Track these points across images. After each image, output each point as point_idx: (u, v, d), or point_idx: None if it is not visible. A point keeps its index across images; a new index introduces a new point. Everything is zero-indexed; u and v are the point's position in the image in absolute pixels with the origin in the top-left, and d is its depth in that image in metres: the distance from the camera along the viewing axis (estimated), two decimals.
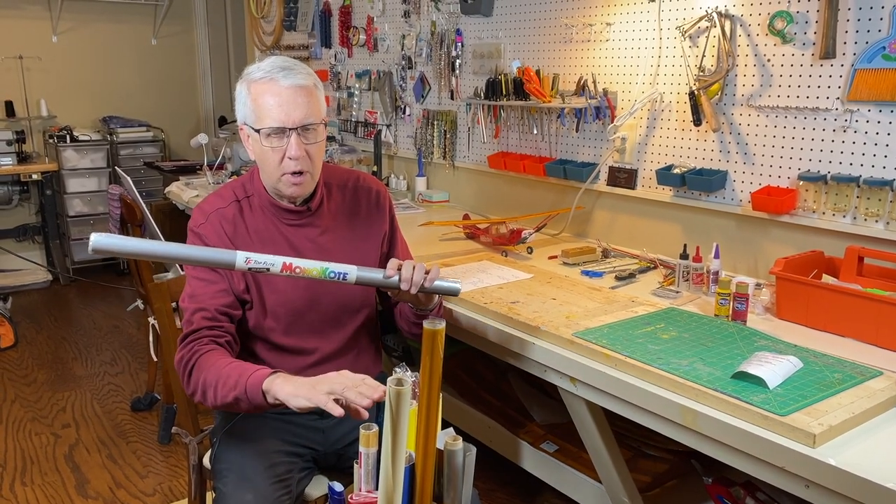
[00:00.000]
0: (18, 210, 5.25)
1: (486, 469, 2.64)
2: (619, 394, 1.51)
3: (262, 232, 1.62)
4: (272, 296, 1.61)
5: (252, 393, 1.36)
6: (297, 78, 1.50)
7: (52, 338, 4.12)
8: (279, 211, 1.62)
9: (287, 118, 1.48)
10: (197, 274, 1.57)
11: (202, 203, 1.64)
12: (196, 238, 1.59)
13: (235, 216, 1.61)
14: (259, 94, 1.50)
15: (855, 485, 1.14)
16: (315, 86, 1.54)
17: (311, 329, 1.65)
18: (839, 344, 1.63)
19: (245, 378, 1.37)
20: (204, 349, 1.49)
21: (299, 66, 1.53)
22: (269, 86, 1.49)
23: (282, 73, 1.49)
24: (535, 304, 1.86)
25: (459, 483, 1.10)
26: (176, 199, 3.64)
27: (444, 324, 1.05)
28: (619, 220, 2.56)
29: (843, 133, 1.89)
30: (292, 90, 1.48)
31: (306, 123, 1.50)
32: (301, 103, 1.49)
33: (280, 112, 1.48)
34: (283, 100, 1.48)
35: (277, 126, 1.49)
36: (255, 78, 1.51)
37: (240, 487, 1.50)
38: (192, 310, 1.54)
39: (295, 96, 1.48)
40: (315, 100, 1.52)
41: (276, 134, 1.50)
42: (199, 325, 1.52)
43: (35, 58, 5.13)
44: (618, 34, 2.44)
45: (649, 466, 2.06)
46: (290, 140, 1.49)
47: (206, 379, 1.44)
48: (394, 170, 3.74)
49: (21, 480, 2.68)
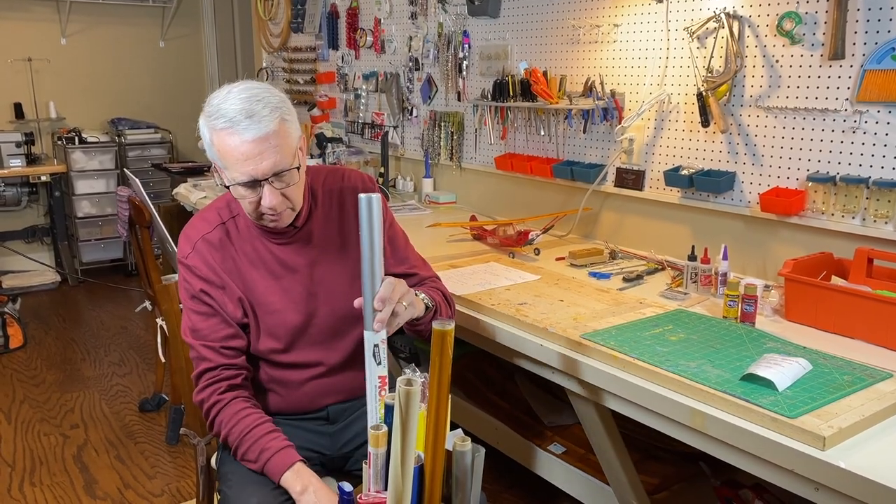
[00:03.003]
0: (27, 211, 5.28)
1: (494, 471, 2.64)
2: (628, 396, 1.51)
3: (250, 254, 1.57)
4: (268, 317, 1.58)
5: (271, 475, 1.46)
6: (262, 125, 1.38)
7: (61, 339, 4.14)
8: (266, 234, 1.58)
9: (256, 170, 1.39)
10: (193, 307, 1.55)
11: (187, 228, 1.60)
12: (186, 271, 1.56)
13: (223, 240, 1.57)
14: (222, 145, 1.40)
15: (865, 488, 1.13)
16: (283, 120, 1.42)
17: (312, 343, 1.62)
18: (848, 346, 1.62)
19: (264, 460, 1.45)
20: (224, 399, 1.50)
21: (265, 100, 1.40)
22: (230, 138, 1.38)
23: (244, 123, 1.37)
24: (542, 306, 1.86)
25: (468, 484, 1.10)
26: (184, 201, 3.65)
27: (454, 324, 1.04)
28: (626, 222, 2.56)
29: (853, 134, 1.88)
30: (257, 142, 1.38)
31: (277, 171, 1.41)
32: (269, 152, 1.39)
33: (247, 166, 1.39)
34: (248, 153, 1.38)
35: (247, 180, 1.41)
36: (217, 127, 1.40)
37: (245, 491, 1.50)
38: (198, 345, 1.53)
39: (262, 147, 1.38)
40: (285, 140, 1.42)
41: (247, 186, 1.43)
42: (213, 363, 1.52)
43: (44, 60, 5.16)
44: (625, 35, 2.44)
45: (657, 468, 2.05)
46: (262, 190, 1.42)
47: (229, 437, 1.49)
48: (401, 171, 3.74)
49: (30, 481, 2.69)
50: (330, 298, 1.61)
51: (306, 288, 1.59)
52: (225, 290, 1.55)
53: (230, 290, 1.55)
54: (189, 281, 1.56)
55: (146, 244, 2.90)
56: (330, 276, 1.62)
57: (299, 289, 1.59)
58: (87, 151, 5.04)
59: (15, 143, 4.77)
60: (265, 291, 1.57)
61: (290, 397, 1.64)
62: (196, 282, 1.55)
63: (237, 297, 1.56)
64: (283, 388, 1.64)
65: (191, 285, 1.56)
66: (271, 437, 1.47)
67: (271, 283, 1.58)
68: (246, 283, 1.56)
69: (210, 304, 1.55)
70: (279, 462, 1.43)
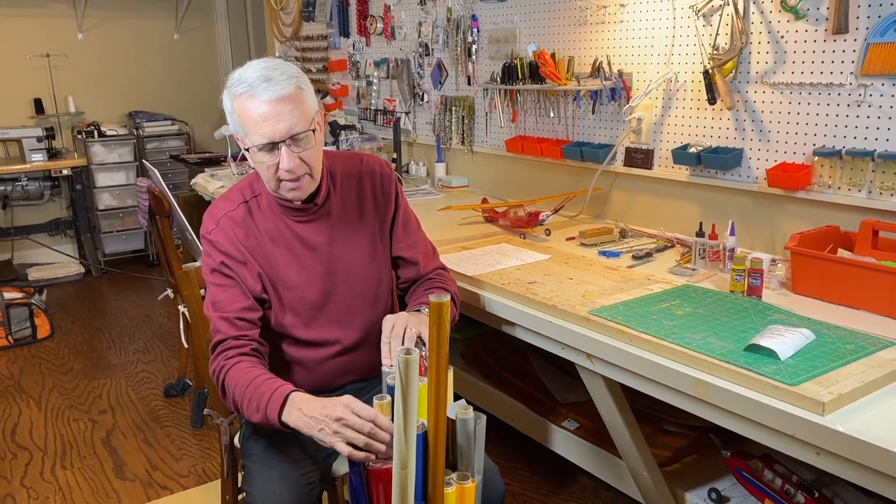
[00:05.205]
0: (50, 205, 5.39)
1: (510, 447, 2.69)
2: (634, 368, 1.55)
3: (272, 231, 1.63)
4: (288, 293, 1.63)
5: (272, 421, 1.41)
6: (279, 88, 1.46)
7: (87, 328, 4.25)
8: (287, 209, 1.64)
9: (273, 132, 1.46)
10: (214, 280, 1.61)
11: (211, 208, 1.66)
12: (209, 245, 1.61)
13: (245, 217, 1.63)
14: (242, 110, 1.48)
15: (863, 451, 1.17)
16: (299, 88, 1.50)
17: (330, 321, 1.67)
18: (853, 316, 1.65)
19: (263, 409, 1.41)
20: (230, 363, 1.52)
21: (282, 69, 1.49)
22: (250, 102, 1.46)
23: (262, 85, 1.45)
24: (552, 284, 1.90)
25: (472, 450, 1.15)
26: (202, 191, 3.72)
27: (450, 297, 1.09)
28: (636, 201, 2.58)
29: (857, 108, 1.90)
30: (274, 103, 1.45)
31: (294, 133, 1.48)
32: (285, 114, 1.46)
33: (265, 127, 1.46)
34: (266, 114, 1.46)
35: (265, 142, 1.48)
36: (237, 93, 1.48)
37: (267, 465, 1.57)
38: (215, 318, 1.58)
39: (278, 108, 1.46)
40: (301, 104, 1.49)
41: (265, 149, 1.49)
42: (224, 335, 1.55)
43: (62, 55, 5.25)
44: (632, 15, 2.45)
45: (669, 442, 2.09)
46: (280, 153, 1.49)
47: (235, 397, 1.48)
48: (413, 156, 3.78)
49: (61, 464, 2.79)
50: (348, 276, 1.68)
51: (325, 266, 1.66)
52: (246, 266, 1.60)
53: (251, 265, 1.61)
54: (211, 255, 1.61)
55: (166, 234, 2.97)
56: (348, 255, 1.68)
57: (318, 266, 1.65)
58: (107, 144, 5.13)
59: (36, 139, 4.87)
60: (285, 268, 1.63)
61: (311, 376, 1.70)
62: (217, 255, 1.60)
63: (257, 273, 1.61)
64: (304, 369, 1.70)
65: (212, 259, 1.61)
66: (267, 384, 1.44)
67: (291, 260, 1.64)
68: (267, 259, 1.62)
69: (230, 275, 1.60)
70: (274, 406, 1.40)
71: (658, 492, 1.86)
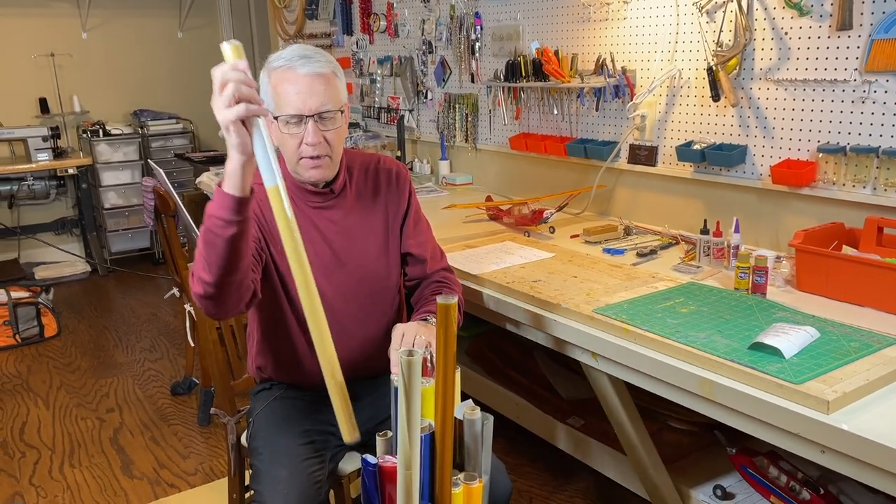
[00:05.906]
0: (56, 204, 5.41)
1: (516, 445, 2.70)
2: (639, 367, 1.55)
3: None
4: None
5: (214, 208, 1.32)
6: (315, 66, 1.53)
7: (94, 327, 4.27)
8: (304, 194, 1.67)
9: (304, 105, 1.52)
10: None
11: None
12: None
13: (263, 195, 1.64)
14: (278, 83, 1.54)
15: (868, 449, 1.17)
16: (334, 73, 1.57)
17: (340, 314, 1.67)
18: (858, 314, 1.65)
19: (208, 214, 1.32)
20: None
21: (320, 53, 1.57)
22: (287, 74, 1.53)
23: (300, 61, 1.52)
24: (556, 283, 1.91)
25: (479, 450, 1.16)
26: (207, 189, 3.73)
27: (457, 298, 1.10)
28: (640, 198, 2.58)
29: (862, 104, 1.89)
30: (309, 78, 1.52)
31: (323, 111, 1.53)
32: (318, 91, 1.52)
33: (297, 100, 1.52)
34: (300, 88, 1.52)
35: (294, 114, 1.53)
36: (275, 66, 1.54)
37: (275, 463, 1.58)
38: None
39: (312, 84, 1.52)
40: (333, 87, 1.55)
41: (293, 121, 1.54)
42: None
43: (66, 55, 5.26)
44: (635, 12, 2.45)
45: (674, 438, 2.09)
46: (307, 127, 1.54)
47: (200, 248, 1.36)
48: (417, 154, 3.78)
49: (69, 462, 2.80)
50: (359, 269, 1.69)
51: (337, 255, 1.68)
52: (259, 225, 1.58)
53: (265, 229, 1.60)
54: None
55: (172, 232, 2.98)
56: (360, 246, 1.70)
57: (330, 256, 1.67)
58: (112, 143, 5.15)
59: (42, 138, 4.89)
60: None
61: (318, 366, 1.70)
62: None
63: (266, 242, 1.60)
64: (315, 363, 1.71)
65: None
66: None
67: (304, 245, 1.64)
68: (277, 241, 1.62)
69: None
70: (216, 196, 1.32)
71: (663, 488, 1.87)
